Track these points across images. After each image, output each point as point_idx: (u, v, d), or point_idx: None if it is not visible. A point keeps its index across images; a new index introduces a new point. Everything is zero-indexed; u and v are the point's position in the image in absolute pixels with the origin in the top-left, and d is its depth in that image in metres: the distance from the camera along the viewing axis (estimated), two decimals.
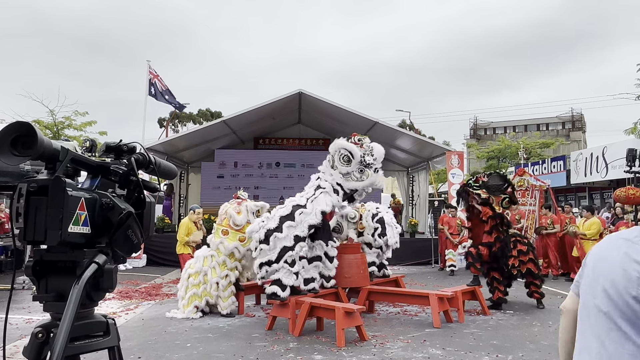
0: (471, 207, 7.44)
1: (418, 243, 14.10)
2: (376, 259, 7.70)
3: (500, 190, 7.25)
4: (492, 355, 4.93)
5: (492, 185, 7.27)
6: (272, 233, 6.00)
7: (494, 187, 7.25)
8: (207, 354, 4.99)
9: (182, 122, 40.81)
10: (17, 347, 4.62)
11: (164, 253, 12.93)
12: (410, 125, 36.95)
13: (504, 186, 7.31)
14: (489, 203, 7.16)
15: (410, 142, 16.33)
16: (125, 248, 1.59)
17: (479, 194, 7.19)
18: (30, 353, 1.51)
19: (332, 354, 4.97)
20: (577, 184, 21.51)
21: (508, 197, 7.29)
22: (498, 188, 7.26)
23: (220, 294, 6.79)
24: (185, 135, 16.74)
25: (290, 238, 6.00)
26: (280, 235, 5.97)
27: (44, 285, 1.55)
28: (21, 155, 1.41)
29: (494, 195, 7.22)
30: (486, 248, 7.17)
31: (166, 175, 1.90)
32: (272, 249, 5.98)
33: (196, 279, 6.78)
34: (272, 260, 5.95)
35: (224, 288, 6.81)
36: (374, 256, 7.69)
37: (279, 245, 5.97)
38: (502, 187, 7.28)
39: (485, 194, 7.19)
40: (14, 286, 8.88)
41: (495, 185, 7.28)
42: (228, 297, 6.82)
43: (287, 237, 5.99)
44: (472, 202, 7.33)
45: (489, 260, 7.27)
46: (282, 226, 6.02)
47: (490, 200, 7.19)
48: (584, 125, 52.45)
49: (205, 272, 6.78)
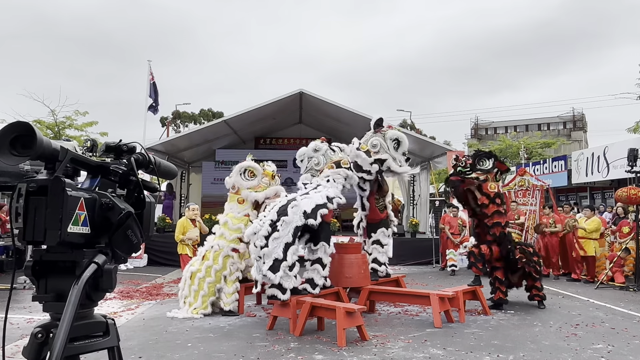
0: (465, 195, 7.40)
1: (419, 243, 14.09)
2: (384, 257, 7.70)
3: (491, 167, 7.25)
4: (493, 355, 4.93)
5: (480, 164, 7.24)
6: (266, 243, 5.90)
7: (483, 165, 7.23)
8: (208, 353, 4.99)
9: (183, 122, 40.84)
10: (17, 347, 4.63)
11: (164, 253, 12.93)
12: (411, 125, 36.95)
13: (490, 160, 7.30)
14: (485, 183, 7.15)
15: (411, 142, 16.20)
16: (124, 248, 1.59)
17: (476, 177, 7.15)
18: (30, 353, 1.51)
19: (333, 354, 4.97)
20: (578, 184, 21.49)
21: (498, 170, 7.33)
22: (487, 165, 7.24)
23: (225, 288, 6.79)
24: (186, 135, 16.76)
25: (280, 249, 5.88)
26: (267, 250, 5.86)
27: (44, 286, 1.55)
28: (20, 155, 1.41)
29: (488, 173, 7.23)
30: (489, 246, 7.16)
31: (166, 175, 1.90)
32: (269, 256, 5.89)
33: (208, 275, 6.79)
34: (268, 268, 5.86)
35: (231, 282, 6.81)
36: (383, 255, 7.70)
37: (272, 256, 5.86)
38: (490, 163, 7.26)
39: (481, 174, 7.17)
40: (15, 286, 8.92)
41: (483, 162, 7.25)
42: (232, 293, 6.82)
43: (275, 248, 5.86)
44: (470, 188, 7.26)
45: (491, 260, 7.26)
46: (268, 239, 5.89)
47: (487, 178, 7.18)
48: (585, 125, 52.41)
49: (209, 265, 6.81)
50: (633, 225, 10.01)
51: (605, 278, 9.64)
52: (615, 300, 8.18)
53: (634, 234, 9.64)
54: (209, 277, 6.78)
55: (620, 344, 5.36)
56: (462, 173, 7.24)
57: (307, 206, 6.12)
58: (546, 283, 10.00)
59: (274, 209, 6.14)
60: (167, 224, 14.19)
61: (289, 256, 5.90)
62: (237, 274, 6.95)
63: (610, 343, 5.39)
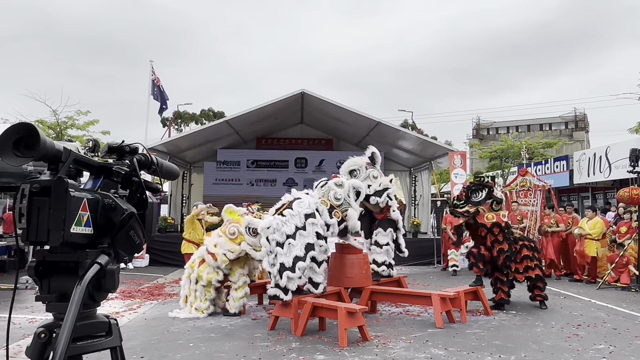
0: (467, 225, 7.40)
1: (420, 243, 14.08)
2: (386, 257, 7.67)
3: (484, 198, 7.22)
4: (494, 356, 4.92)
5: (474, 196, 7.22)
6: (287, 239, 5.93)
7: (476, 197, 7.22)
8: (209, 353, 5.00)
9: (184, 122, 40.86)
10: (20, 347, 4.63)
11: (166, 253, 12.96)
12: (412, 125, 36.90)
13: (484, 191, 7.26)
14: (478, 215, 7.13)
15: (413, 142, 16.31)
16: (127, 248, 1.60)
17: (467, 210, 7.15)
18: (33, 353, 1.52)
19: (334, 354, 4.97)
20: (580, 184, 21.43)
21: (494, 200, 7.26)
22: (480, 197, 7.22)
23: (233, 293, 6.76)
24: (187, 135, 16.77)
25: (302, 247, 5.94)
26: (294, 242, 5.93)
27: (47, 286, 1.55)
28: (24, 156, 1.42)
29: (481, 205, 7.21)
30: (488, 252, 7.18)
31: (168, 176, 1.91)
32: (287, 254, 5.90)
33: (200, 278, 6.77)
34: (287, 267, 5.85)
35: (240, 288, 6.78)
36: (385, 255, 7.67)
37: (293, 252, 5.90)
38: (483, 194, 7.23)
39: (472, 207, 7.16)
40: (17, 286, 8.94)
41: (476, 194, 7.24)
42: (240, 299, 6.76)
43: (300, 245, 5.94)
44: (466, 220, 7.28)
45: (491, 261, 7.26)
46: (295, 234, 5.97)
47: (481, 211, 7.17)
48: (587, 125, 52.32)
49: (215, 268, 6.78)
50: (629, 224, 10.04)
51: (607, 278, 9.62)
52: (617, 300, 8.17)
53: (635, 235, 9.63)
54: (201, 280, 6.77)
55: (622, 345, 5.35)
56: (456, 206, 7.27)
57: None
58: (548, 283, 10.00)
59: (300, 210, 6.15)
60: (168, 224, 14.21)
61: (307, 257, 5.96)
62: (245, 278, 6.89)
63: (612, 344, 5.38)
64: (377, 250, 7.63)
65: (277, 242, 5.89)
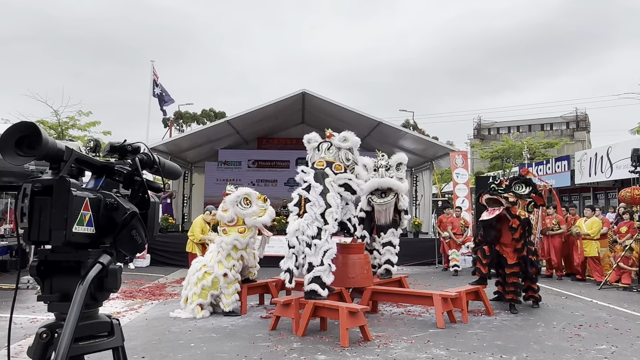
0: (497, 223, 7.27)
1: (422, 243, 14.07)
2: (392, 256, 7.71)
3: (527, 194, 7.27)
4: (496, 356, 4.91)
5: (516, 188, 7.26)
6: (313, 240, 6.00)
7: (519, 190, 7.26)
8: (210, 353, 4.99)
9: (186, 122, 40.85)
10: (21, 347, 4.64)
11: (167, 253, 12.96)
12: (414, 126, 36.87)
13: (528, 187, 7.31)
14: (514, 206, 7.14)
15: (414, 142, 16.31)
16: (129, 248, 1.59)
17: (506, 197, 7.11)
18: (35, 353, 1.51)
19: (335, 354, 4.97)
20: (581, 184, 21.40)
21: (533, 201, 7.30)
22: (523, 191, 7.26)
23: (224, 290, 6.78)
24: (189, 135, 16.76)
25: (328, 239, 6.04)
26: (320, 242, 5.98)
27: (49, 286, 1.55)
28: (26, 156, 1.41)
29: (520, 199, 7.24)
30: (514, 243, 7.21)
31: (170, 176, 1.90)
32: (315, 253, 5.94)
33: (201, 276, 6.78)
34: (314, 265, 5.91)
35: (230, 283, 6.80)
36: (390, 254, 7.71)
37: (321, 249, 5.96)
38: (527, 190, 7.28)
39: (513, 197, 7.15)
40: (19, 285, 8.89)
41: (520, 187, 7.29)
42: (232, 294, 6.81)
43: (326, 242, 6.02)
44: (502, 209, 7.15)
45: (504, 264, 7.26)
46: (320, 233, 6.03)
47: (517, 202, 7.18)
48: (588, 125, 52.26)
49: (212, 266, 6.80)
50: (630, 224, 10.03)
51: (609, 278, 9.61)
52: (619, 301, 8.16)
53: (637, 235, 9.61)
54: (204, 280, 6.79)
55: (624, 345, 5.34)
56: (494, 190, 7.22)
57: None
58: (549, 284, 10.01)
59: (316, 210, 6.17)
60: (170, 224, 14.21)
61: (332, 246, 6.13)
62: (236, 275, 6.93)
63: (613, 344, 5.37)
64: (391, 250, 7.70)
65: (306, 242, 5.96)
